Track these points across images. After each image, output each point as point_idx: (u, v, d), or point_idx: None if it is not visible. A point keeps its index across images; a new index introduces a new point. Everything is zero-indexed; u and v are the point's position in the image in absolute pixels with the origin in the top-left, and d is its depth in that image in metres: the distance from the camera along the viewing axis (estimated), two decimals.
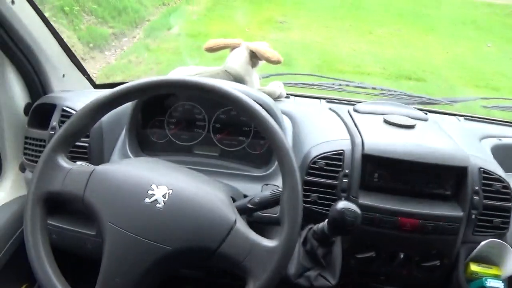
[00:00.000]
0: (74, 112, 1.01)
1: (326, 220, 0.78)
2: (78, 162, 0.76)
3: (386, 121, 1.00)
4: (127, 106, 0.99)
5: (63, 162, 0.70)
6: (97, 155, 0.97)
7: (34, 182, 0.68)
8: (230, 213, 0.66)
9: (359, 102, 1.28)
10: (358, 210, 0.72)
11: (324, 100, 1.31)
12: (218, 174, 0.96)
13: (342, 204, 0.73)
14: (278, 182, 0.96)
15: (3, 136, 1.10)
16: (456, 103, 1.38)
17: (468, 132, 1.13)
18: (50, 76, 1.10)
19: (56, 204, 0.70)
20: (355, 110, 1.09)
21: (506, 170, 0.96)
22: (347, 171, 0.89)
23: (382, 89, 1.39)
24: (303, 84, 1.38)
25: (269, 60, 1.07)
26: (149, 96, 0.95)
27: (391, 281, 0.95)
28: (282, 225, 0.66)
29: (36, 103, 1.09)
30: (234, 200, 0.81)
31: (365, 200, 0.87)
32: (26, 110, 1.10)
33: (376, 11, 8.10)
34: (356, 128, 0.96)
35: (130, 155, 0.97)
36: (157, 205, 0.64)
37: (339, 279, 0.82)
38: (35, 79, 1.08)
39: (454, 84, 4.70)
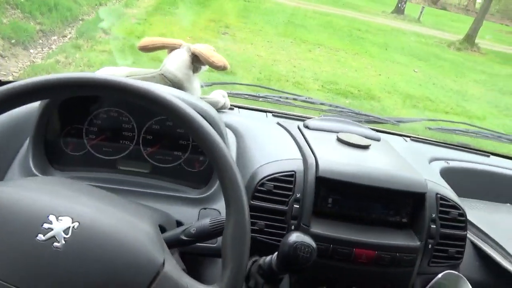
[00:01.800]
0: None
1: (275, 254, 0.66)
2: None
3: (339, 140, 0.92)
4: (33, 108, 0.80)
5: None
6: None
7: None
8: (158, 252, 0.51)
9: (307, 118, 1.19)
10: (313, 244, 0.61)
11: (271, 114, 1.21)
12: (147, 196, 0.81)
13: (294, 237, 0.61)
14: (219, 205, 0.82)
15: None
16: (402, 123, 1.35)
17: (418, 154, 1.09)
18: None
19: None
20: (306, 126, 0.99)
21: None
22: (298, 195, 0.78)
23: (330, 105, 1.33)
24: (248, 95, 1.27)
25: (214, 66, 0.94)
26: (64, 98, 0.77)
27: None
28: (225, 267, 0.52)
29: None
30: (163, 230, 0.66)
31: (317, 229, 0.77)
32: None
33: (315, 31, 8.40)
34: (308, 147, 0.86)
35: (34, 171, 0.78)
36: (55, 244, 0.47)
37: None
38: None
39: (386, 105, 4.94)
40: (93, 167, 0.85)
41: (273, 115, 1.21)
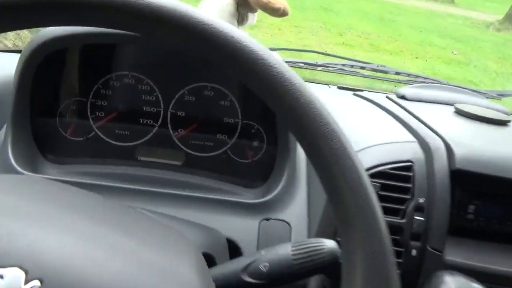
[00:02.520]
0: None
1: None
2: None
3: (461, 113, 0.62)
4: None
5: None
6: None
7: None
8: None
9: (382, 93, 0.89)
10: None
11: (335, 87, 0.92)
12: (178, 200, 0.54)
13: (452, 283, 0.33)
14: (289, 214, 0.54)
15: None
16: (504, 97, 1.04)
17: None
18: None
19: None
20: (401, 97, 0.70)
21: None
22: (421, 200, 0.49)
23: (409, 75, 1.02)
24: (303, 63, 0.98)
25: (269, 8, 0.65)
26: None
27: None
28: None
29: None
30: (211, 262, 0.39)
31: (455, 256, 0.48)
32: None
33: (345, 15, 8.13)
34: (423, 124, 0.56)
35: (15, 165, 0.52)
36: None
37: None
38: None
39: None
40: (103, 157, 0.59)
41: (338, 88, 0.91)
